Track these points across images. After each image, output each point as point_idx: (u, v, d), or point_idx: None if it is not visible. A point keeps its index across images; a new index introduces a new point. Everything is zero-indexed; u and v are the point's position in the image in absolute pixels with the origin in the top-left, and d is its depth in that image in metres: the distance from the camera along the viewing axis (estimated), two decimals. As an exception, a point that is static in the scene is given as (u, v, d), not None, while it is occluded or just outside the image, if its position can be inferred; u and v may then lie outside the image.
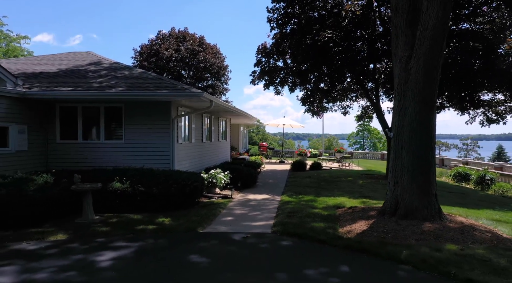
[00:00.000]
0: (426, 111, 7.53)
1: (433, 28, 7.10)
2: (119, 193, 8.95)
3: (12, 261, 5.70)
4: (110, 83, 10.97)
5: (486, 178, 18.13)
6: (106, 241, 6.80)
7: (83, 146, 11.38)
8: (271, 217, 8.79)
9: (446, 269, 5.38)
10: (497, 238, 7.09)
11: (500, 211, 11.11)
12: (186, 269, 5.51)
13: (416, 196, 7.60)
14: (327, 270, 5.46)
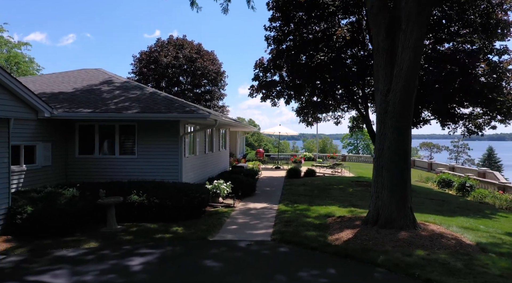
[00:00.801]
0: (402, 137, 8.90)
1: (407, 69, 8.46)
2: (137, 205, 10.21)
3: (60, 265, 6.96)
4: (125, 105, 12.22)
5: (467, 185, 19.59)
6: (132, 248, 8.08)
7: (100, 160, 12.61)
8: (270, 225, 10.11)
9: (412, 271, 6.72)
10: (460, 244, 8.46)
11: (472, 218, 12.52)
12: (203, 272, 6.80)
13: (394, 209, 8.96)
14: (317, 272, 6.79)
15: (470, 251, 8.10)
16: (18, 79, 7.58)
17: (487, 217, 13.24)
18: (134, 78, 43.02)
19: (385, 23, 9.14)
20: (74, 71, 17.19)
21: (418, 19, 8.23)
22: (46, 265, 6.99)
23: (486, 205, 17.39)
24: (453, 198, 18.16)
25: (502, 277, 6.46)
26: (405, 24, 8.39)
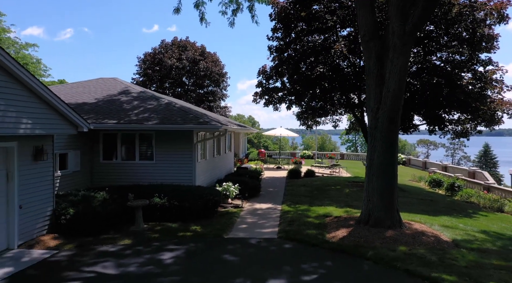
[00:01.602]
0: (390, 150, 10.38)
1: (393, 91, 9.93)
2: (159, 206, 11.69)
3: (106, 259, 8.44)
4: (144, 116, 13.66)
5: (455, 185, 21.13)
6: (161, 245, 9.57)
7: (121, 165, 14.07)
8: (275, 224, 11.61)
9: (395, 263, 8.22)
10: (438, 241, 9.98)
11: (454, 217, 14.06)
12: (223, 265, 8.29)
13: (383, 211, 10.46)
14: (317, 265, 8.29)
15: (445, 246, 9.61)
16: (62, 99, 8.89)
17: (468, 216, 14.79)
18: (139, 79, 44.39)
19: (375, 50, 10.59)
20: (93, 81, 18.60)
21: (402, 50, 9.69)
22: (94, 258, 8.48)
23: (471, 204, 18.95)
24: (441, 198, 19.71)
25: (466, 268, 7.97)
26: (392, 54, 9.84)
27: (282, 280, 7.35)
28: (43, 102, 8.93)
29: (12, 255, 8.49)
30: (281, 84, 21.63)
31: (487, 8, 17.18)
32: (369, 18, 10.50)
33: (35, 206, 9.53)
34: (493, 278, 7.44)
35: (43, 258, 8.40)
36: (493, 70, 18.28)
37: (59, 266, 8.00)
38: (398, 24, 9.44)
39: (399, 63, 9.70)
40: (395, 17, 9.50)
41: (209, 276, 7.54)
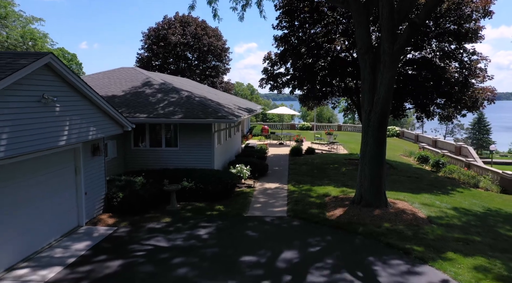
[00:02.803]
0: (379, 145, 12.69)
1: (383, 98, 12.10)
2: (188, 189, 14.09)
3: (156, 234, 10.90)
4: (170, 110, 15.77)
5: (440, 162, 23.65)
6: (195, 222, 12.03)
7: (150, 152, 16.33)
8: (284, 204, 14.10)
9: (379, 238, 10.74)
10: (415, 218, 12.50)
11: (433, 195, 16.59)
12: (247, 239, 10.78)
13: (372, 194, 12.91)
14: (319, 239, 10.79)
15: (420, 223, 12.13)
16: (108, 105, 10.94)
17: (446, 193, 17.35)
18: (144, 54, 45.75)
19: (369, 61, 12.66)
20: (115, 71, 20.50)
21: (391, 66, 11.77)
22: (147, 234, 10.95)
23: (452, 180, 21.54)
24: (427, 174, 22.24)
25: (433, 240, 10.50)
26: (382, 68, 11.92)
27: (294, 251, 9.85)
28: (102, 112, 11.08)
29: (84, 231, 10.95)
30: (285, 70, 23.57)
31: (473, 6, 18.97)
32: (365, 36, 12.49)
33: (95, 192, 11.90)
34: (451, 248, 9.99)
35: (108, 233, 10.86)
36: (477, 60, 20.33)
37: (123, 240, 10.47)
38: (387, 45, 11.46)
39: (388, 76, 11.81)
40: (385, 40, 11.51)
41: (238, 248, 10.03)
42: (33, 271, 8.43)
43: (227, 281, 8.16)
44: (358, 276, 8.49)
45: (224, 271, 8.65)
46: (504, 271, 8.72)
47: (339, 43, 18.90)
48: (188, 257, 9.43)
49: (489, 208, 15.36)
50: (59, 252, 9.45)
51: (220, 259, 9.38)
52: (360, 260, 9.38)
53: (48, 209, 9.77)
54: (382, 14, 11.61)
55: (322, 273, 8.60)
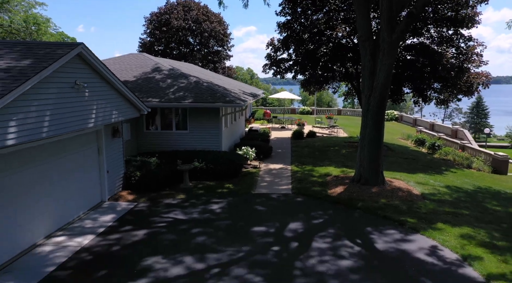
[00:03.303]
0: (378, 128, 13.65)
1: (382, 83, 13.01)
2: (199, 169, 15.10)
3: (173, 209, 11.96)
4: (180, 94, 16.66)
5: (436, 145, 24.67)
6: (207, 199, 13.08)
7: (161, 134, 17.27)
8: (288, 182, 15.15)
9: (377, 211, 11.81)
10: (410, 195, 13.56)
11: (428, 174, 17.64)
12: (256, 213, 11.84)
13: (371, 173, 13.93)
14: (322, 212, 11.86)
15: (414, 199, 13.21)
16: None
17: (440, 173, 18.41)
18: (147, 39, 46.22)
19: (369, 48, 13.52)
20: (125, 57, 21.30)
21: (389, 53, 12.64)
22: (165, 208, 12.00)
23: (447, 161, 22.60)
24: (423, 156, 23.28)
25: (425, 214, 11.58)
26: (381, 56, 12.79)
27: (299, 223, 10.92)
28: (122, 97, 12.00)
29: (108, 205, 12.00)
30: (287, 56, 24.35)
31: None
32: (365, 25, 13.32)
33: (115, 171, 12.91)
34: (441, 220, 11.07)
35: (130, 208, 11.91)
36: (474, 46, 21.15)
37: (144, 213, 11.53)
38: (387, 34, 12.31)
39: (387, 63, 12.69)
40: (385, 29, 12.34)
41: (249, 221, 11.10)
42: (69, 239, 9.49)
43: (241, 247, 9.23)
44: (357, 243, 9.58)
45: (238, 239, 9.72)
46: (486, 238, 9.81)
47: (340, 30, 19.68)
48: (204, 228, 10.49)
49: (479, 186, 16.44)
50: (89, 223, 10.52)
51: (233, 229, 10.45)
52: (359, 230, 10.46)
53: (76, 185, 10.78)
54: (382, 5, 12.43)
55: (325, 240, 9.69)
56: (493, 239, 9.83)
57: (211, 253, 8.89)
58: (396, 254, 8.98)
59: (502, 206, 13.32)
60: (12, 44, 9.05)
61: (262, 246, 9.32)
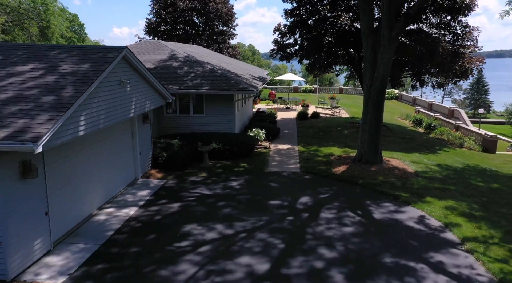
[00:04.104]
0: (378, 114, 15.33)
1: (381, 75, 14.61)
2: (216, 150, 16.86)
3: (198, 185, 13.79)
4: (197, 82, 18.22)
5: (432, 125, 26.37)
6: (226, 176, 14.90)
7: (180, 118, 18.95)
8: (297, 162, 16.94)
9: (375, 187, 13.65)
10: (405, 173, 15.38)
11: (422, 154, 19.42)
12: (271, 188, 13.69)
13: (370, 153, 15.70)
14: (327, 188, 13.71)
15: (408, 176, 15.03)
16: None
17: (434, 153, 20.19)
18: (153, 19, 47.12)
19: (371, 42, 15.03)
20: (141, 44, 22.77)
21: (389, 47, 14.17)
22: (191, 185, 13.84)
23: (441, 141, 24.36)
24: (419, 136, 25.03)
25: (417, 189, 13.42)
26: (382, 49, 14.33)
27: (308, 197, 12.78)
28: (153, 88, 13.64)
29: (141, 182, 13.85)
30: (293, 41, 25.69)
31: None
32: (368, 20, 14.78)
33: (145, 152, 14.69)
34: (430, 194, 12.92)
35: (161, 184, 13.76)
36: (470, 31, 22.51)
37: (174, 189, 13.38)
38: (387, 31, 13.81)
39: (386, 56, 14.25)
40: (385, 26, 13.83)
41: (265, 195, 12.95)
42: (117, 210, 11.37)
43: (261, 217, 11.10)
44: (358, 213, 11.46)
45: (257, 211, 11.59)
46: (466, 210, 11.69)
47: (344, 19, 21.00)
48: (228, 201, 12.36)
49: (468, 164, 18.26)
50: (129, 197, 12.39)
51: (252, 202, 12.31)
52: (360, 203, 12.33)
53: (118, 165, 12.58)
54: (383, 4, 13.87)
55: (331, 211, 11.56)
56: (472, 210, 11.70)
57: (237, 222, 10.77)
58: (390, 222, 10.87)
59: (485, 182, 15.17)
60: (69, 48, 10.62)
61: (278, 216, 11.20)
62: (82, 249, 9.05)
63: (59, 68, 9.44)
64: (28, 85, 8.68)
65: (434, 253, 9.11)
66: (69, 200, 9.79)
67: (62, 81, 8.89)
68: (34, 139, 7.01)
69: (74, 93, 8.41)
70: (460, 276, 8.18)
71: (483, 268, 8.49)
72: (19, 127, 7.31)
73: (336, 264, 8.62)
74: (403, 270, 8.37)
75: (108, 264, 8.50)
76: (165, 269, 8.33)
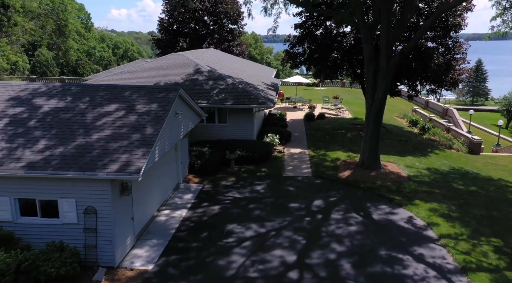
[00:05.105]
0: (377, 129, 18.37)
1: (380, 98, 17.60)
2: (240, 156, 19.93)
3: (230, 189, 16.92)
4: (221, 96, 21.18)
5: (426, 126, 29.40)
6: (251, 181, 18.02)
7: (207, 127, 21.91)
8: (308, 167, 20.05)
9: (374, 191, 16.81)
10: (399, 177, 18.52)
11: (415, 157, 22.50)
12: (289, 192, 16.83)
13: (371, 160, 18.81)
14: (335, 192, 16.85)
15: (402, 180, 18.16)
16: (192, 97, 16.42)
17: (425, 155, 23.27)
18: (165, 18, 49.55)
19: (372, 68, 17.96)
20: (168, 58, 25.58)
21: (386, 76, 17.11)
22: (224, 189, 16.97)
23: (433, 141, 27.40)
24: (414, 137, 28.06)
25: (408, 192, 16.57)
26: (381, 78, 17.27)
27: (320, 200, 15.93)
28: (193, 111, 16.66)
29: (183, 186, 17.00)
30: (302, 50, 28.51)
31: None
32: (370, 49, 17.67)
33: (184, 161, 17.79)
34: (418, 197, 16.08)
35: (199, 188, 16.90)
36: (460, 45, 25.34)
37: (211, 193, 16.52)
38: (385, 63, 16.74)
39: (384, 83, 17.22)
40: (383, 58, 16.73)
41: (285, 198, 16.09)
42: (172, 211, 14.54)
43: (285, 218, 14.27)
44: (360, 214, 14.64)
45: (281, 212, 14.75)
46: (445, 211, 14.87)
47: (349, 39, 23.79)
48: (256, 204, 15.51)
49: (453, 167, 21.37)
50: (178, 200, 15.55)
51: (276, 205, 15.47)
52: (362, 205, 15.50)
53: (168, 174, 15.70)
54: (382, 40, 16.76)
55: (339, 213, 14.73)
56: (450, 211, 14.89)
57: (266, 222, 13.95)
58: (385, 222, 14.05)
59: (465, 185, 18.32)
60: (137, 88, 13.58)
61: (298, 217, 14.38)
62: (156, 244, 12.25)
63: (135, 108, 12.46)
64: (118, 124, 11.73)
65: (417, 247, 12.32)
66: (142, 206, 12.93)
67: (141, 120, 11.92)
68: (137, 171, 10.10)
69: (153, 132, 11.46)
70: (434, 264, 11.40)
71: (452, 258, 11.71)
72: (124, 161, 10.39)
73: (345, 255, 11.83)
74: (394, 260, 11.59)
75: (179, 255, 11.70)
76: (221, 259, 11.54)
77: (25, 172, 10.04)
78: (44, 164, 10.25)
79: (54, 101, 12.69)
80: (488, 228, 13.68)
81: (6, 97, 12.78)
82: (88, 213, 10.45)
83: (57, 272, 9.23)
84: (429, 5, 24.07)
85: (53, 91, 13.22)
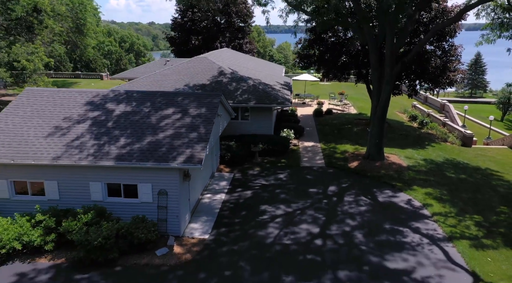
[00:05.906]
0: (381, 128, 21.42)
1: (384, 101, 20.62)
2: (262, 149, 23.01)
3: (257, 177, 20.03)
4: (244, 97, 24.18)
5: (424, 121, 32.43)
6: (274, 170, 21.11)
7: (231, 123, 24.77)
8: (321, 158, 23.14)
9: (379, 178, 19.94)
10: (400, 167, 21.64)
11: (414, 149, 25.58)
12: (307, 179, 19.95)
13: (376, 152, 21.90)
14: (346, 179, 19.97)
15: (403, 169, 21.26)
16: None
17: (423, 148, 26.34)
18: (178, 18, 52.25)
19: (377, 74, 20.95)
20: (193, 61, 28.49)
21: (390, 82, 20.11)
22: (251, 177, 20.08)
23: (431, 135, 30.45)
24: (413, 131, 31.10)
25: (407, 180, 19.69)
26: (385, 84, 20.26)
27: (334, 186, 19.05)
28: (227, 111, 19.71)
29: (218, 175, 20.11)
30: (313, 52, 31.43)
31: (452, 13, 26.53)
32: (376, 58, 20.65)
33: (217, 153, 20.88)
34: (416, 184, 19.20)
35: (231, 177, 20.00)
36: (455, 48, 28.28)
37: (242, 181, 19.62)
38: (389, 70, 19.72)
39: (387, 88, 20.24)
40: (387, 66, 19.71)
41: (305, 184, 19.20)
42: (213, 195, 17.67)
43: (307, 200, 17.41)
44: (368, 197, 17.77)
45: (303, 196, 17.87)
46: (438, 195, 18.01)
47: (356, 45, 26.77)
48: (281, 189, 18.64)
49: (447, 158, 24.46)
50: (216, 186, 18.67)
51: (297, 190, 18.58)
52: (369, 190, 18.62)
53: (207, 164, 18.78)
54: (386, 50, 19.73)
55: (350, 196, 17.87)
56: (442, 195, 18.02)
57: (292, 203, 17.08)
58: (388, 204, 17.19)
59: (456, 174, 21.43)
60: (187, 94, 16.63)
61: (317, 200, 17.51)
62: (207, 220, 15.41)
63: (188, 111, 15.51)
64: (178, 125, 14.79)
65: (414, 222, 15.47)
66: (192, 190, 16.05)
67: (195, 121, 14.99)
68: (200, 161, 13.20)
69: (206, 131, 14.54)
70: (427, 235, 14.56)
71: (441, 230, 14.87)
72: (188, 154, 13.47)
73: (357, 228, 14.98)
74: (395, 232, 14.74)
75: (227, 228, 14.86)
76: (260, 231, 14.69)
77: (115, 163, 13.14)
78: (128, 157, 13.35)
79: (122, 106, 15.75)
80: (471, 208, 16.84)
81: (83, 102, 15.83)
82: (160, 194, 13.57)
83: (146, 237, 12.39)
84: (428, 13, 26.87)
85: (119, 97, 16.27)
